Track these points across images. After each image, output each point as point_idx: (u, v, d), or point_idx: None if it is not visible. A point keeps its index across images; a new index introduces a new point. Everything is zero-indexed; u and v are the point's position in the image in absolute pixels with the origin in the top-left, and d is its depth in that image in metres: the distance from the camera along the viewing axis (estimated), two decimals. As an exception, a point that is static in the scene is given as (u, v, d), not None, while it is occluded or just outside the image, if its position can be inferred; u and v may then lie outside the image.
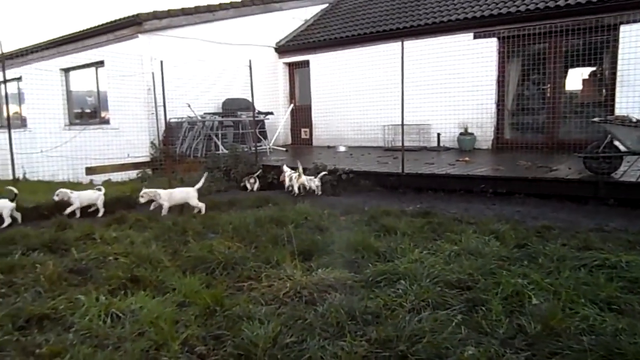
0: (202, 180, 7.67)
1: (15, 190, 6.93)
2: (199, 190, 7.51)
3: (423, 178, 8.30)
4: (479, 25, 11.27)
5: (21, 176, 13.47)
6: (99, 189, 7.73)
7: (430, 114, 11.88)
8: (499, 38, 11.16)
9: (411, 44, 9.97)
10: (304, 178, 8.51)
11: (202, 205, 7.20)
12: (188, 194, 7.35)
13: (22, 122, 16.02)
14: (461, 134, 11.53)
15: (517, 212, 6.42)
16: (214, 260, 4.41)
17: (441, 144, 11.95)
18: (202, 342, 2.91)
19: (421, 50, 11.54)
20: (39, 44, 13.23)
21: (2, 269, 4.34)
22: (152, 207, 7.28)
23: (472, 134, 11.45)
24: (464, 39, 11.43)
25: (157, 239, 5.39)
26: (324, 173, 8.70)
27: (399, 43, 8.69)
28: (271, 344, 2.74)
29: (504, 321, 2.99)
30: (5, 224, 6.71)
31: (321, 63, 14.28)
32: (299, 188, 8.46)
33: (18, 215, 7.00)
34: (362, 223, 5.91)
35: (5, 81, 8.34)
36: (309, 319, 3.09)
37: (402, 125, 8.70)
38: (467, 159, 9.65)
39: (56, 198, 7.24)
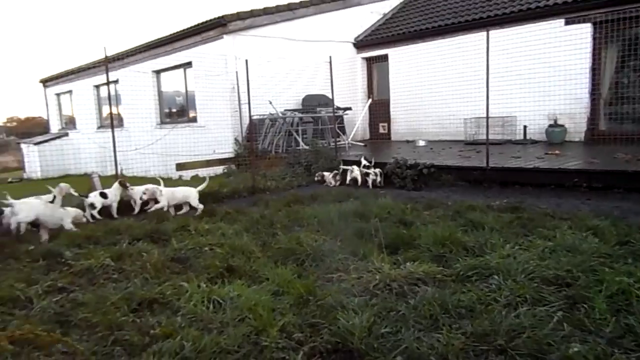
0: (205, 184, 7.76)
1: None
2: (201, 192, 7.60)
3: (509, 172, 7.99)
4: (571, 11, 10.59)
5: (119, 172, 14.58)
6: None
7: (516, 106, 11.36)
8: (593, 23, 10.43)
9: (496, 33, 9.61)
10: (356, 171, 9.15)
11: (201, 207, 7.23)
12: (190, 194, 7.42)
13: (119, 122, 17.29)
14: (550, 125, 10.94)
15: (616, 207, 6.01)
16: (302, 252, 4.56)
17: (527, 137, 11.41)
18: (299, 329, 3.02)
19: (506, 39, 11.08)
20: (134, 48, 14.19)
21: (112, 257, 4.75)
22: (152, 208, 7.22)
23: (562, 125, 10.82)
24: (554, 26, 10.80)
25: (247, 231, 5.65)
26: (373, 169, 9.06)
27: (483, 33, 8.41)
28: (366, 334, 2.80)
29: (610, 320, 2.84)
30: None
31: (400, 57, 14.12)
32: (353, 179, 9.22)
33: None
34: (447, 217, 5.83)
35: (108, 83, 9.01)
36: (401, 311, 3.12)
37: (487, 117, 8.42)
38: (557, 151, 9.15)
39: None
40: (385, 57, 14.54)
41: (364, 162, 9.35)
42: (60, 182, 6.68)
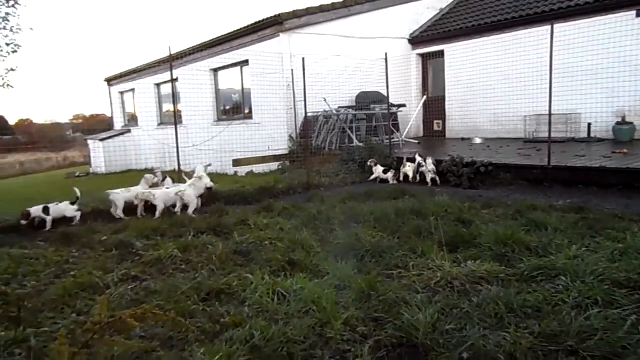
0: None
1: None
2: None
3: (573, 171, 7.70)
4: (642, 2, 10.05)
5: (176, 168, 15.12)
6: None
7: (580, 103, 10.89)
8: (667, 15, 9.85)
9: (560, 27, 9.24)
10: (408, 167, 9.35)
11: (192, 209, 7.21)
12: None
13: (178, 119, 17.95)
14: (617, 123, 10.42)
15: (693, 209, 5.68)
16: (361, 248, 4.61)
17: (592, 135, 10.92)
18: (362, 323, 3.08)
19: (571, 33, 10.62)
20: (193, 47, 14.66)
21: (179, 248, 4.98)
22: (140, 212, 7.28)
23: (631, 123, 10.29)
24: (624, 19, 10.27)
25: (305, 226, 5.75)
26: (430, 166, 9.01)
27: (545, 27, 8.15)
28: (431, 329, 2.82)
29: (689, 326, 2.72)
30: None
31: (457, 53, 13.86)
32: (404, 175, 9.40)
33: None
34: (507, 217, 5.71)
35: (172, 80, 9.39)
36: (465, 309, 3.12)
37: (550, 114, 8.14)
38: (625, 150, 8.71)
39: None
40: (441, 54, 14.31)
41: (418, 159, 9.31)
42: (145, 174, 7.69)
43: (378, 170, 9.62)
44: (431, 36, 14.50)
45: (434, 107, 14.48)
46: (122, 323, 1.65)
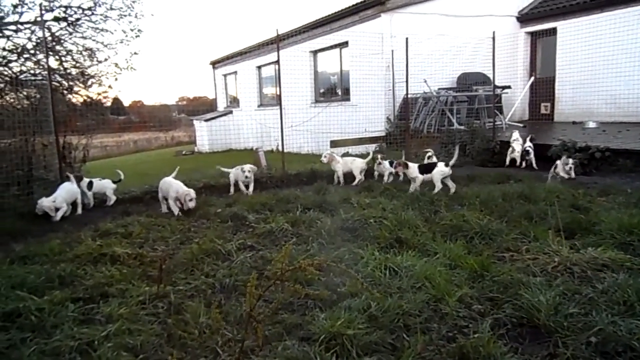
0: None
1: None
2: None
3: None
4: None
5: (274, 148, 15.66)
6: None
7: None
8: None
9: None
10: (517, 150, 8.93)
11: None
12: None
13: (278, 101, 18.54)
14: None
15: None
16: (470, 230, 4.56)
17: None
18: (477, 302, 3.08)
19: None
20: (294, 30, 14.97)
21: (289, 222, 5.24)
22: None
23: None
24: None
25: (408, 207, 5.76)
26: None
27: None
28: (553, 312, 2.76)
29: None
30: None
31: (571, 30, 12.83)
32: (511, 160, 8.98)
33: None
34: (628, 205, 5.31)
35: (278, 61, 9.70)
36: (589, 294, 3.00)
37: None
38: None
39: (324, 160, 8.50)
40: (553, 31, 13.34)
41: (527, 143, 8.91)
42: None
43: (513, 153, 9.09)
44: (542, 12, 13.56)
45: (542, 89, 13.60)
46: (303, 270, 1.90)
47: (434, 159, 8.14)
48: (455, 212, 5.30)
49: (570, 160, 7.40)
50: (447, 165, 6.91)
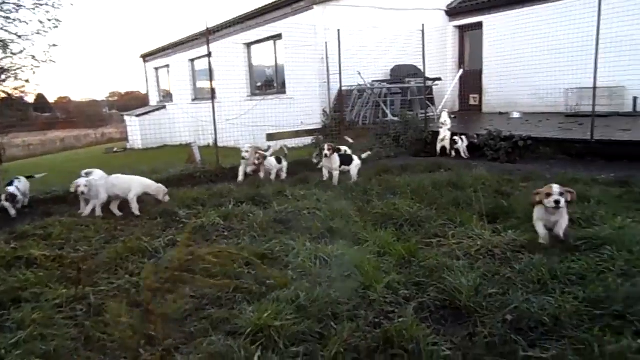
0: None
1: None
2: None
3: (617, 145, 7.48)
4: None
5: (211, 142, 15.34)
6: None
7: (625, 76, 10.48)
8: None
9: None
10: (447, 139, 9.24)
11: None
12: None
13: (212, 94, 18.12)
14: (665, 96, 10.01)
15: None
16: (399, 218, 4.65)
17: (637, 109, 10.52)
18: (404, 287, 3.14)
19: (616, 2, 10.15)
20: (227, 22, 14.67)
21: (221, 216, 5.13)
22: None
23: (679, 96, 9.87)
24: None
25: (342, 198, 5.81)
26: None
27: (593, -5, 7.80)
28: (474, 293, 2.86)
29: None
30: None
31: (496, 24, 13.42)
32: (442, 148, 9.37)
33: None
34: (548, 190, 5.62)
35: (209, 55, 9.47)
36: (507, 275, 3.14)
37: (595, 87, 7.87)
38: (673, 124, 8.39)
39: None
40: (479, 25, 13.90)
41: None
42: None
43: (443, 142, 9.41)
44: (469, 7, 14.09)
45: (471, 81, 14.17)
46: (201, 260, 1.80)
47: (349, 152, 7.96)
48: (387, 201, 5.38)
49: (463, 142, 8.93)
50: (360, 158, 7.31)
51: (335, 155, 7.05)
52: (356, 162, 7.18)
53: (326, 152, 6.91)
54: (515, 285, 2.98)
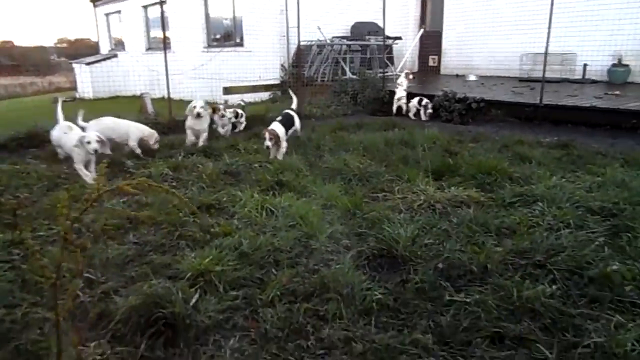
0: None
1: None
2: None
3: (563, 110, 7.76)
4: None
5: (166, 95, 14.90)
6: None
7: (577, 43, 10.78)
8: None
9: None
10: (403, 100, 9.25)
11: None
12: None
13: (167, 45, 17.40)
14: (613, 65, 10.38)
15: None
16: (349, 173, 4.73)
17: (587, 76, 10.88)
18: (346, 237, 3.23)
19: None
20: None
21: (170, 167, 5.06)
22: None
23: (626, 65, 10.25)
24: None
25: (295, 153, 5.81)
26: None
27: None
28: (410, 243, 2.98)
29: (652, 247, 2.90)
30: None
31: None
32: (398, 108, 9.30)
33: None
34: (494, 150, 5.82)
35: (161, 2, 9.04)
36: (444, 227, 3.27)
37: (546, 53, 8.05)
38: (617, 92, 8.75)
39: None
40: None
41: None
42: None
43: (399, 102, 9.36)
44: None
45: (431, 42, 14.21)
46: (122, 190, 1.75)
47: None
48: (338, 157, 5.43)
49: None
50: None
51: (281, 140, 5.72)
52: (297, 120, 6.53)
53: (267, 143, 5.45)
54: (450, 237, 3.12)
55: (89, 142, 4.76)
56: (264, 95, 12.18)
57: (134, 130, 6.02)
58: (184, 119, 8.54)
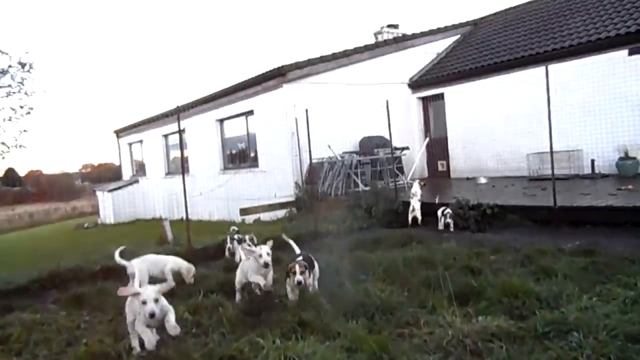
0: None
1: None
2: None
3: (579, 211, 7.72)
4: (633, 41, 10.29)
5: (184, 217, 15.26)
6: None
7: (582, 139, 11.05)
8: (659, 51, 10.09)
9: (556, 67, 9.49)
10: (417, 210, 9.29)
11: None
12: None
13: (186, 169, 18.18)
14: (620, 158, 10.50)
15: None
16: (371, 305, 4.60)
17: (596, 171, 10.97)
18: (375, 390, 3.07)
19: (567, 72, 10.90)
20: (200, 99, 15.04)
21: (189, 310, 4.99)
22: None
23: (634, 158, 10.36)
24: (617, 57, 10.52)
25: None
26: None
27: (542, 68, 8.32)
28: (445, 397, 2.81)
29: None
30: None
31: (456, 94, 14.13)
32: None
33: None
34: (516, 264, 5.70)
35: (180, 131, 9.59)
36: (478, 372, 3.10)
37: (551, 153, 8.20)
38: (630, 186, 8.75)
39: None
40: (441, 96, 14.59)
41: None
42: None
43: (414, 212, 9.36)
44: (430, 80, 14.82)
45: (437, 148, 14.65)
46: None
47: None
48: (357, 284, 5.33)
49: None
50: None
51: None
52: (316, 265, 5.41)
53: (299, 278, 4.65)
54: (486, 384, 2.95)
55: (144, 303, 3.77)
56: (280, 213, 12.38)
57: (172, 265, 6.02)
58: (203, 247, 8.69)
